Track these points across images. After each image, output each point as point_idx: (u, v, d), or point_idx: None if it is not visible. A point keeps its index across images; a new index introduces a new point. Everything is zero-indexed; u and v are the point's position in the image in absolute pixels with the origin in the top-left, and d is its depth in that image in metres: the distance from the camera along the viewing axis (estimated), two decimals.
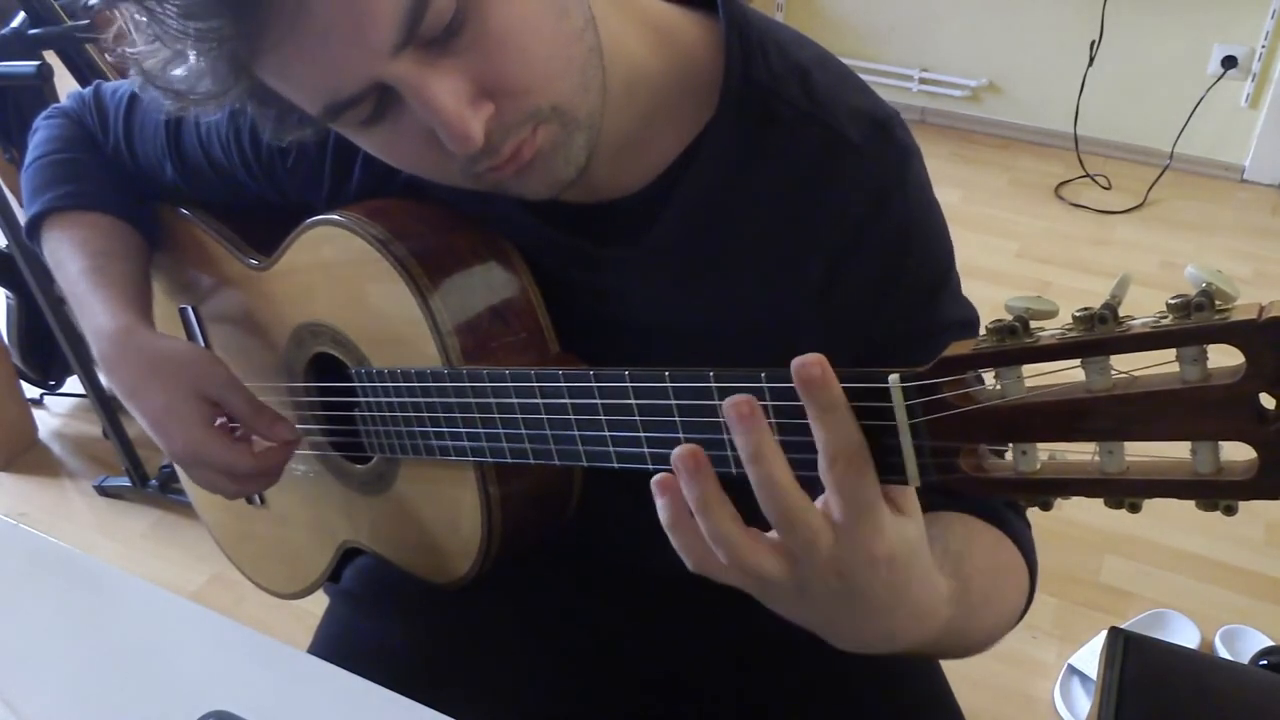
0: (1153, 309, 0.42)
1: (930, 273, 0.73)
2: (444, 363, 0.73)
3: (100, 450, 2.20)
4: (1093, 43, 3.06)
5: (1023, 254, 2.86)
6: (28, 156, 0.95)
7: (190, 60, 0.56)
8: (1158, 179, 3.10)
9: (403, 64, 0.55)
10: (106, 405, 1.99)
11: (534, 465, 0.69)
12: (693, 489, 0.51)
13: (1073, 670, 1.67)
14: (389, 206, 0.77)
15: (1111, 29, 3.03)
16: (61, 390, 2.31)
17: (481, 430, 0.71)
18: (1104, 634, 1.02)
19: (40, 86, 1.68)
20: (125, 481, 2.07)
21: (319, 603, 1.00)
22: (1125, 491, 0.45)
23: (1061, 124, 3.25)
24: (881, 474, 0.50)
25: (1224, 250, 2.86)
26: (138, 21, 0.55)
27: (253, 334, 0.92)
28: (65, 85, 1.74)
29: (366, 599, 0.94)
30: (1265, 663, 1.65)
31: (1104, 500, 0.45)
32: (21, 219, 0.98)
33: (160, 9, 0.53)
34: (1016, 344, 0.44)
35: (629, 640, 0.93)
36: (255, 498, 1.01)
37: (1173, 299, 0.40)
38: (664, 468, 0.58)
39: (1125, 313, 0.43)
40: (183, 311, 0.98)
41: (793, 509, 0.50)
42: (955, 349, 0.47)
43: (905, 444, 0.49)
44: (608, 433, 0.62)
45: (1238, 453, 0.42)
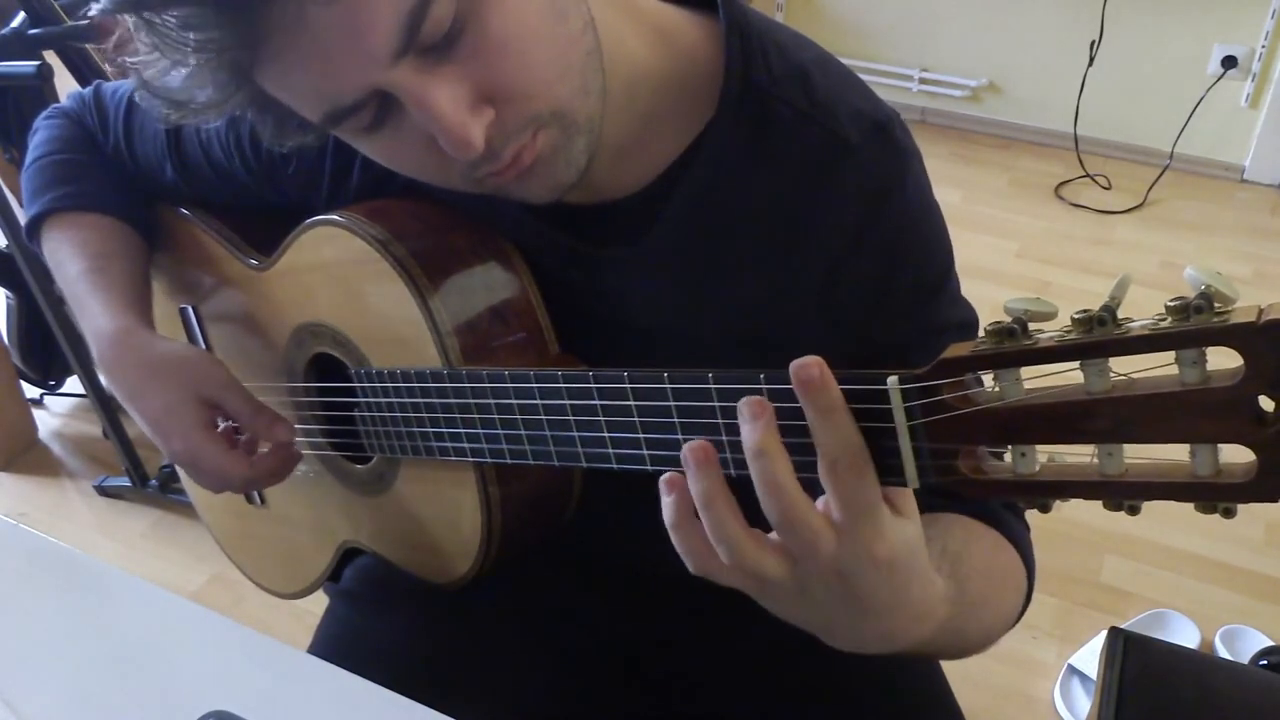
0: (1153, 309, 0.42)
1: (929, 274, 0.73)
2: (444, 363, 0.73)
3: (100, 450, 2.20)
4: (1093, 43, 3.06)
5: (1023, 254, 2.86)
6: (28, 157, 0.95)
7: (190, 70, 0.56)
8: (1158, 179, 3.10)
9: (402, 71, 0.55)
10: (106, 405, 1.99)
11: (533, 466, 0.69)
12: (699, 483, 0.51)
13: (1073, 670, 1.67)
14: (389, 207, 0.77)
15: (1111, 29, 3.03)
16: (61, 390, 2.31)
17: (481, 431, 0.71)
18: (1104, 634, 1.02)
19: (40, 86, 1.68)
20: (125, 481, 2.07)
21: (319, 603, 1.00)
22: (1124, 494, 0.45)
23: (1061, 124, 3.25)
24: (880, 476, 0.50)
25: (1224, 250, 2.86)
26: (137, 31, 0.55)
27: (253, 334, 0.92)
28: (65, 85, 1.74)
29: (366, 599, 0.94)
30: (1265, 663, 1.65)
31: (1103, 502, 0.45)
32: (22, 219, 0.98)
33: (159, 20, 0.53)
34: (1015, 346, 0.44)
35: (629, 641, 0.93)
36: (255, 498, 1.01)
37: (1172, 301, 0.40)
38: (663, 469, 0.58)
39: (1125, 313, 0.43)
40: (183, 311, 0.98)
41: (794, 510, 0.50)
42: (954, 351, 0.47)
43: (904, 446, 0.49)
44: (607, 434, 0.62)
45: (1237, 455, 0.42)
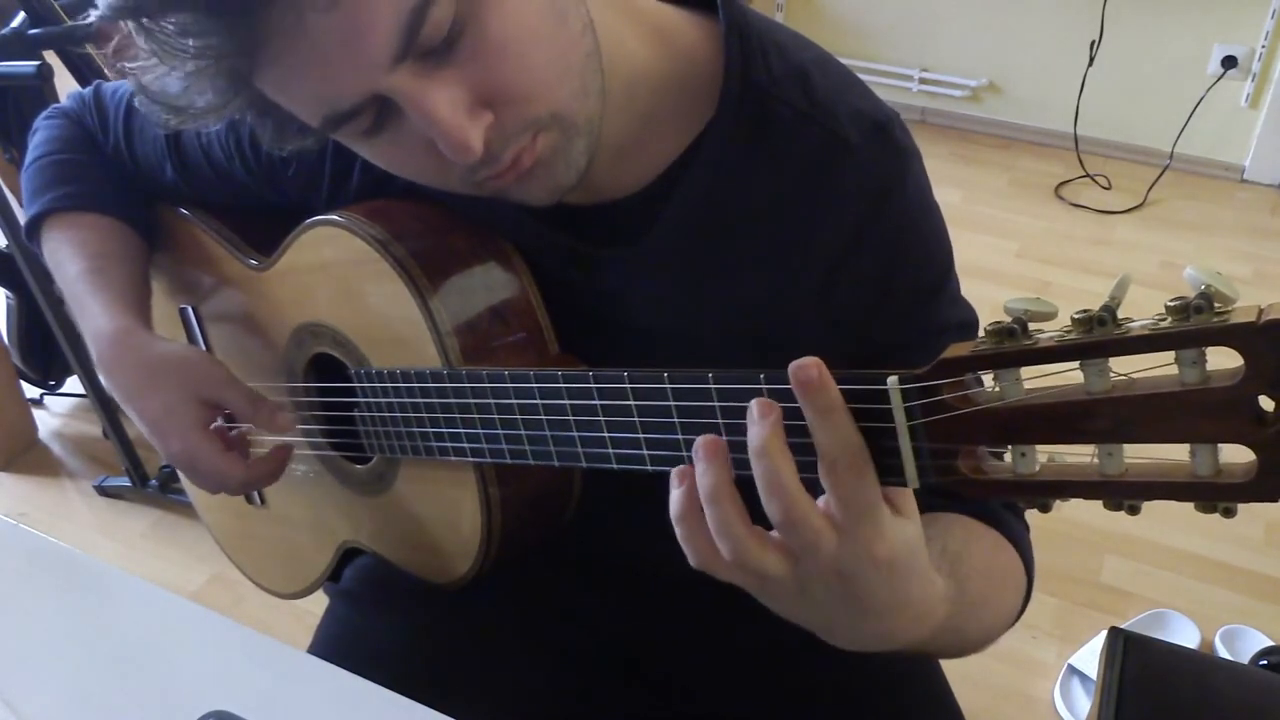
0: (1153, 309, 0.42)
1: (929, 274, 0.73)
2: (443, 363, 0.73)
3: (100, 450, 2.20)
4: (1093, 43, 3.06)
5: (1023, 254, 2.85)
6: (28, 157, 0.95)
7: (188, 76, 0.56)
8: (1158, 179, 3.09)
9: (401, 76, 0.55)
10: (106, 405, 1.99)
11: (533, 466, 0.69)
12: (706, 476, 0.51)
13: (1073, 670, 1.67)
14: (388, 207, 0.77)
15: (1111, 29, 3.03)
16: (61, 390, 2.31)
17: (481, 431, 0.71)
18: (1104, 634, 1.02)
19: (40, 86, 1.68)
20: (125, 481, 2.07)
21: (319, 603, 1.00)
22: (1124, 493, 0.45)
23: (1061, 124, 3.25)
24: (880, 476, 0.50)
25: (1224, 250, 2.86)
26: (136, 37, 0.55)
27: (252, 334, 0.92)
28: (65, 85, 1.74)
29: (366, 599, 0.94)
30: (1265, 663, 1.65)
31: (1103, 502, 0.45)
32: (22, 219, 0.98)
33: (158, 26, 0.53)
34: (1015, 346, 0.44)
35: (629, 641, 0.93)
36: (255, 498, 1.01)
37: (1171, 301, 0.40)
38: (663, 469, 0.58)
39: (1125, 313, 0.43)
40: (183, 311, 0.98)
41: (796, 509, 0.50)
42: (954, 351, 0.47)
43: (904, 446, 0.49)
44: (607, 434, 0.62)
45: (1237, 455, 0.42)
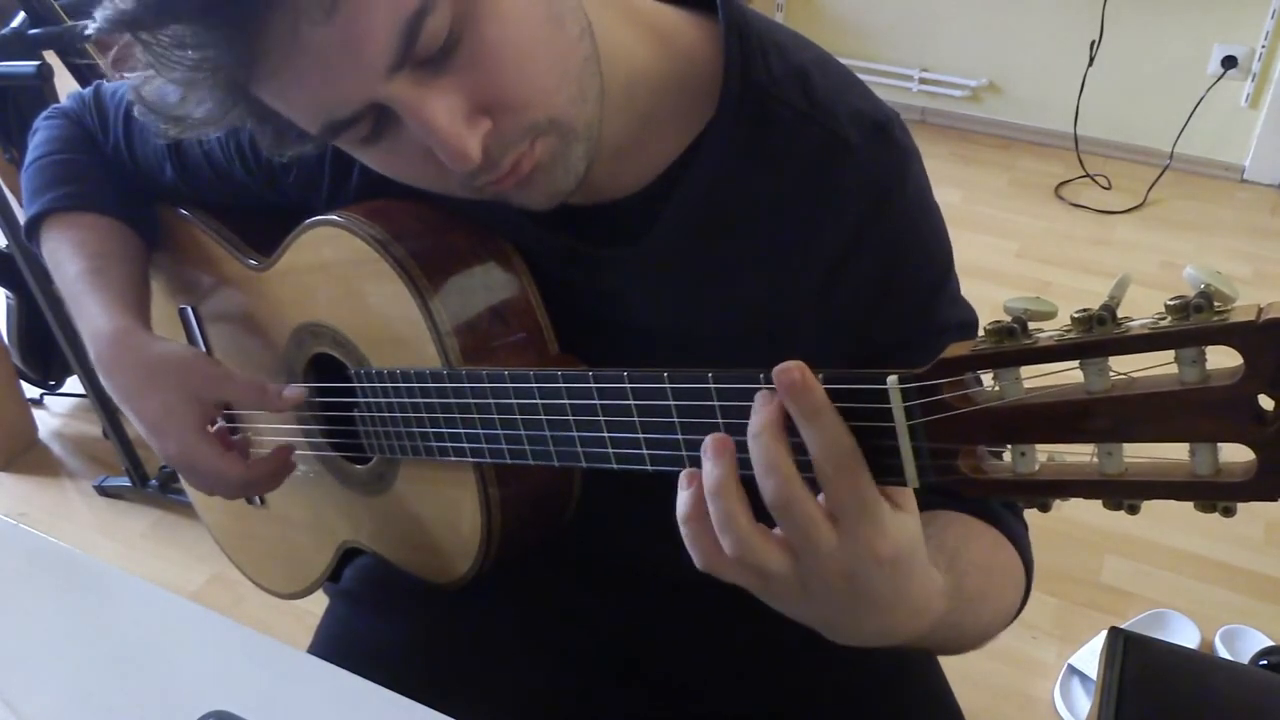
0: (1153, 309, 0.42)
1: (929, 274, 0.73)
2: (443, 363, 0.73)
3: (100, 450, 2.20)
4: (1093, 43, 3.06)
5: (1023, 254, 2.86)
6: (27, 157, 0.95)
7: (186, 86, 0.57)
8: (1158, 179, 3.10)
9: (398, 84, 0.56)
10: (106, 405, 1.99)
11: (533, 466, 0.69)
12: (713, 471, 0.52)
13: (1073, 670, 1.67)
14: (388, 207, 0.77)
15: (1111, 29, 3.03)
16: (61, 390, 2.31)
17: (481, 431, 0.71)
18: (1104, 634, 1.02)
19: (40, 86, 1.68)
20: (125, 481, 2.07)
21: (319, 603, 1.00)
22: (1124, 493, 0.45)
23: (1061, 124, 3.25)
24: (880, 475, 0.50)
25: (1224, 250, 2.86)
26: (134, 50, 0.56)
27: (252, 334, 0.92)
28: (65, 85, 1.74)
29: (366, 599, 0.94)
30: (1265, 663, 1.65)
31: (1103, 502, 0.45)
32: (21, 219, 0.98)
33: (154, 39, 0.54)
34: (1015, 345, 0.44)
35: (629, 641, 0.93)
36: (255, 498, 1.01)
37: (1171, 300, 0.40)
38: (663, 469, 0.58)
39: (1124, 313, 0.43)
40: (182, 312, 0.98)
41: (789, 490, 0.50)
42: (954, 350, 0.47)
43: (904, 445, 0.49)
44: (606, 434, 0.62)
45: (1236, 454, 0.42)
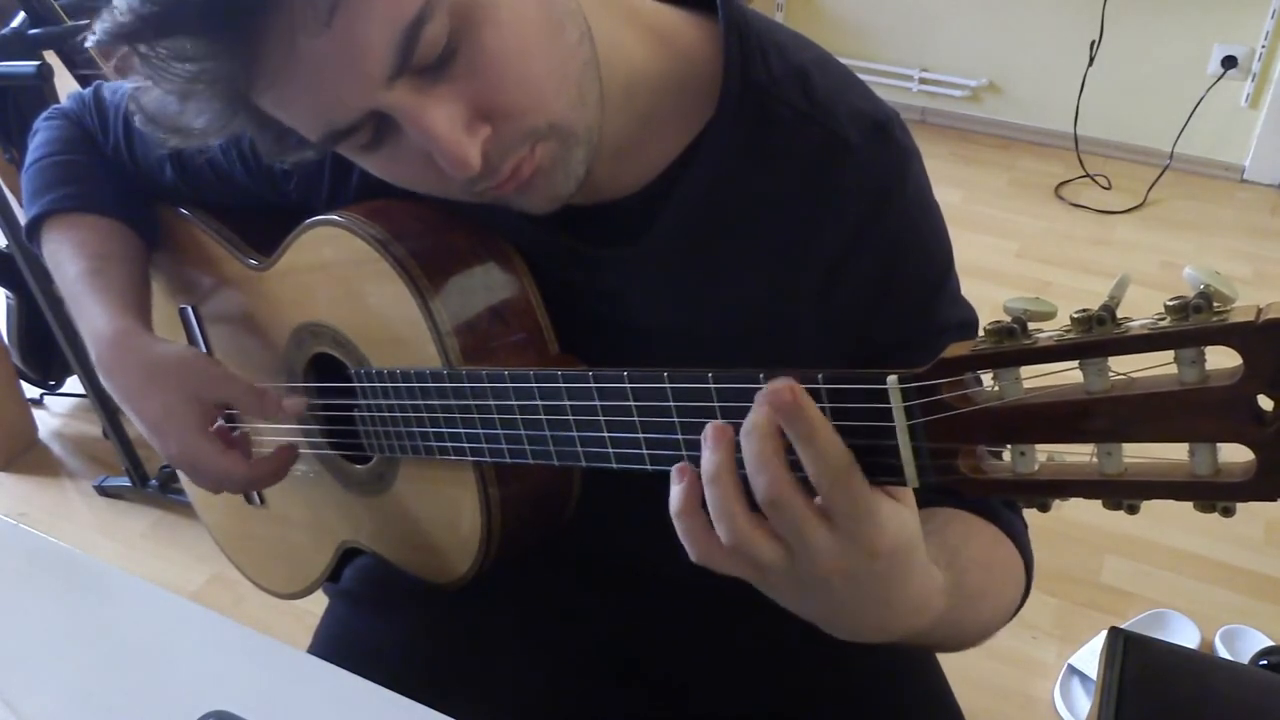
0: (1152, 309, 0.42)
1: (929, 274, 0.73)
2: (443, 363, 0.73)
3: (100, 450, 2.20)
4: (1093, 43, 3.06)
5: (1023, 254, 2.86)
6: (28, 158, 0.95)
7: (186, 98, 0.57)
8: (1158, 179, 3.09)
9: (398, 92, 0.56)
10: (106, 405, 1.99)
11: (533, 466, 0.69)
12: (711, 458, 0.52)
13: (1073, 670, 1.67)
14: (388, 207, 0.77)
15: (1111, 29, 3.03)
16: (61, 390, 2.31)
17: (481, 431, 0.71)
18: (1104, 634, 1.02)
19: (40, 86, 1.68)
20: (125, 481, 2.07)
21: (319, 603, 1.00)
22: (1123, 493, 0.45)
23: (1061, 124, 3.25)
24: (880, 475, 0.50)
25: (1224, 250, 2.86)
26: (133, 62, 0.56)
27: (252, 334, 0.92)
28: (65, 85, 1.74)
29: (366, 599, 0.94)
30: (1265, 663, 1.65)
31: (1102, 502, 0.45)
32: (22, 219, 0.98)
33: (153, 52, 0.54)
34: (1015, 345, 0.44)
35: (629, 641, 0.93)
36: (255, 498, 1.01)
37: (1171, 300, 0.41)
38: (663, 469, 0.58)
39: (1124, 313, 0.43)
40: (182, 312, 0.98)
41: (781, 491, 0.50)
42: (954, 350, 0.47)
43: (904, 445, 0.49)
44: (606, 433, 0.62)
45: (1236, 454, 0.42)
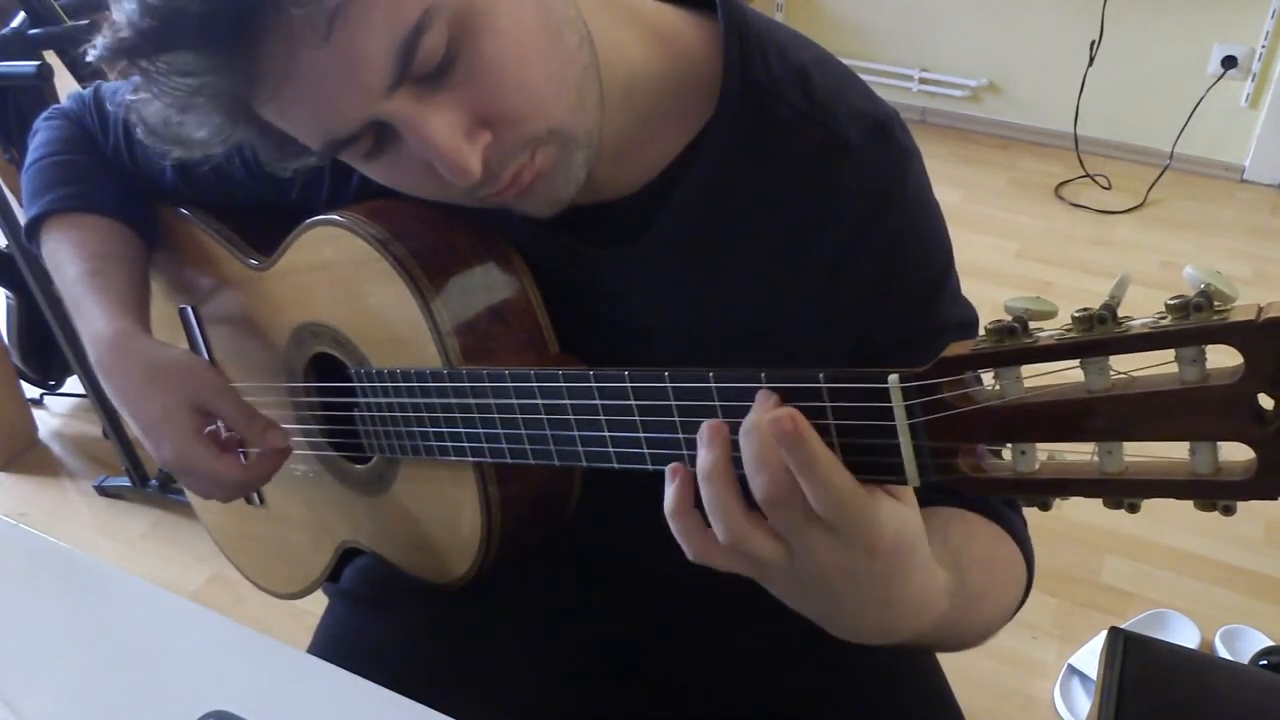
0: (1153, 309, 0.42)
1: (930, 273, 0.73)
2: (444, 363, 0.73)
3: (100, 450, 2.20)
4: (1093, 43, 3.06)
5: (1023, 254, 2.86)
6: (28, 158, 0.95)
7: (186, 111, 0.58)
8: (1158, 179, 3.09)
9: (397, 102, 0.56)
10: (106, 405, 1.99)
11: (534, 466, 0.69)
12: (707, 456, 0.52)
13: (1073, 670, 1.67)
14: (389, 207, 0.77)
15: (1111, 29, 3.03)
16: (61, 390, 2.31)
17: (481, 430, 0.71)
18: (1104, 634, 1.02)
19: (40, 86, 1.68)
20: (125, 481, 2.07)
21: (319, 603, 1.00)
22: (1124, 492, 0.45)
23: (1061, 124, 3.25)
24: (880, 474, 0.50)
25: (1224, 250, 2.86)
26: (133, 77, 0.56)
27: (252, 334, 0.92)
28: (65, 85, 1.74)
29: (366, 599, 0.94)
30: (1265, 663, 1.65)
31: (1103, 500, 0.45)
32: (22, 219, 0.98)
33: (153, 66, 0.54)
34: (1015, 344, 0.44)
35: (629, 641, 0.93)
36: (254, 498, 1.01)
37: (1171, 299, 0.41)
38: (663, 468, 0.58)
39: (1124, 313, 0.43)
40: (182, 312, 0.98)
41: (780, 491, 0.50)
42: (954, 349, 0.47)
43: (904, 444, 0.49)
44: (607, 433, 0.62)
45: (1236, 453, 0.42)
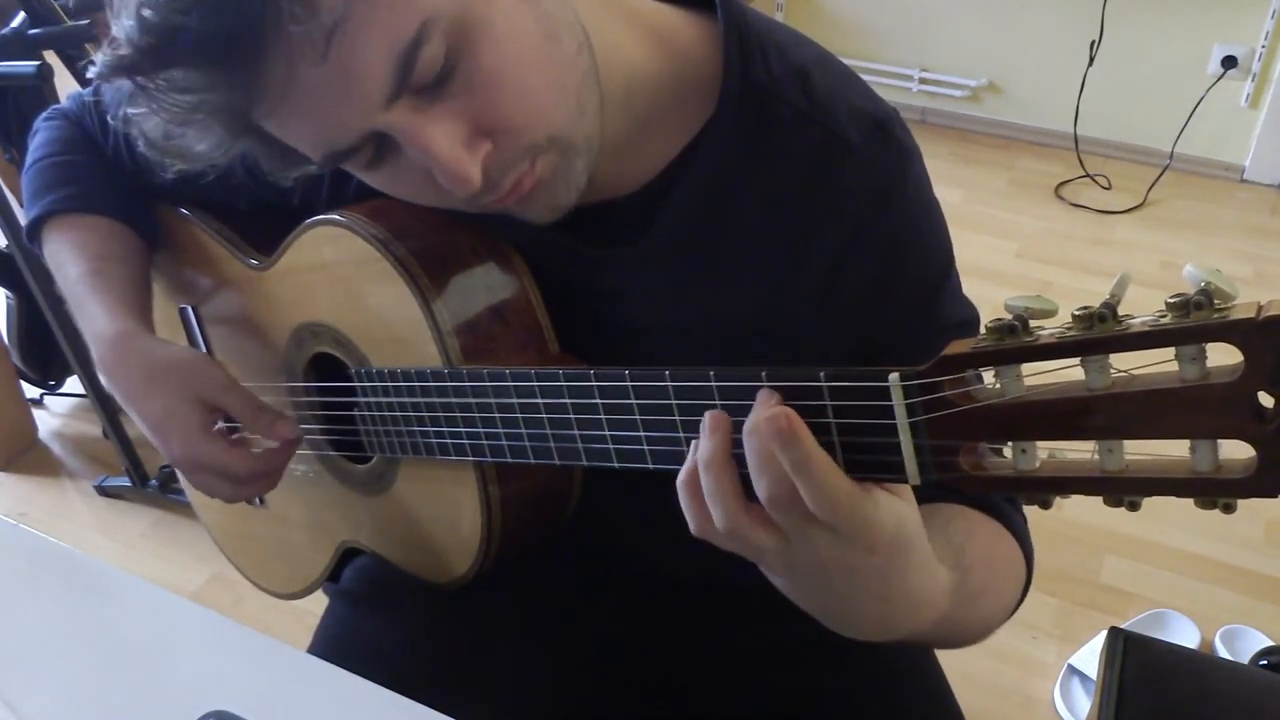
0: (1153, 309, 0.42)
1: (930, 272, 0.73)
2: (444, 362, 0.73)
3: (100, 450, 2.20)
4: (1093, 43, 3.06)
5: (1023, 254, 2.86)
6: (28, 159, 0.95)
7: (186, 127, 0.58)
8: (1158, 179, 3.09)
9: (397, 113, 0.56)
10: (106, 405, 1.99)
11: (534, 465, 0.69)
12: (706, 445, 0.52)
13: (1073, 670, 1.67)
14: (389, 206, 0.77)
15: (1111, 29, 3.03)
16: (61, 390, 2.31)
17: (481, 430, 0.71)
18: (1104, 634, 1.02)
19: (40, 86, 1.68)
20: (125, 481, 2.07)
21: (319, 603, 1.00)
22: (1124, 490, 0.45)
23: (1061, 124, 3.25)
24: (881, 472, 0.50)
25: (1224, 250, 2.86)
26: (133, 94, 0.57)
27: (253, 334, 0.92)
28: (65, 85, 1.74)
29: (366, 599, 0.94)
30: (1265, 663, 1.65)
31: (1103, 498, 0.46)
32: (22, 219, 0.98)
33: (153, 83, 0.55)
34: (1016, 343, 0.44)
35: (629, 641, 0.93)
36: (255, 498, 1.01)
37: (1172, 298, 0.41)
38: (664, 467, 0.58)
39: (1125, 312, 0.43)
40: (182, 312, 0.98)
41: (781, 491, 0.50)
42: (955, 348, 0.47)
43: (905, 443, 0.49)
44: (608, 432, 0.62)
45: (1237, 451, 0.42)
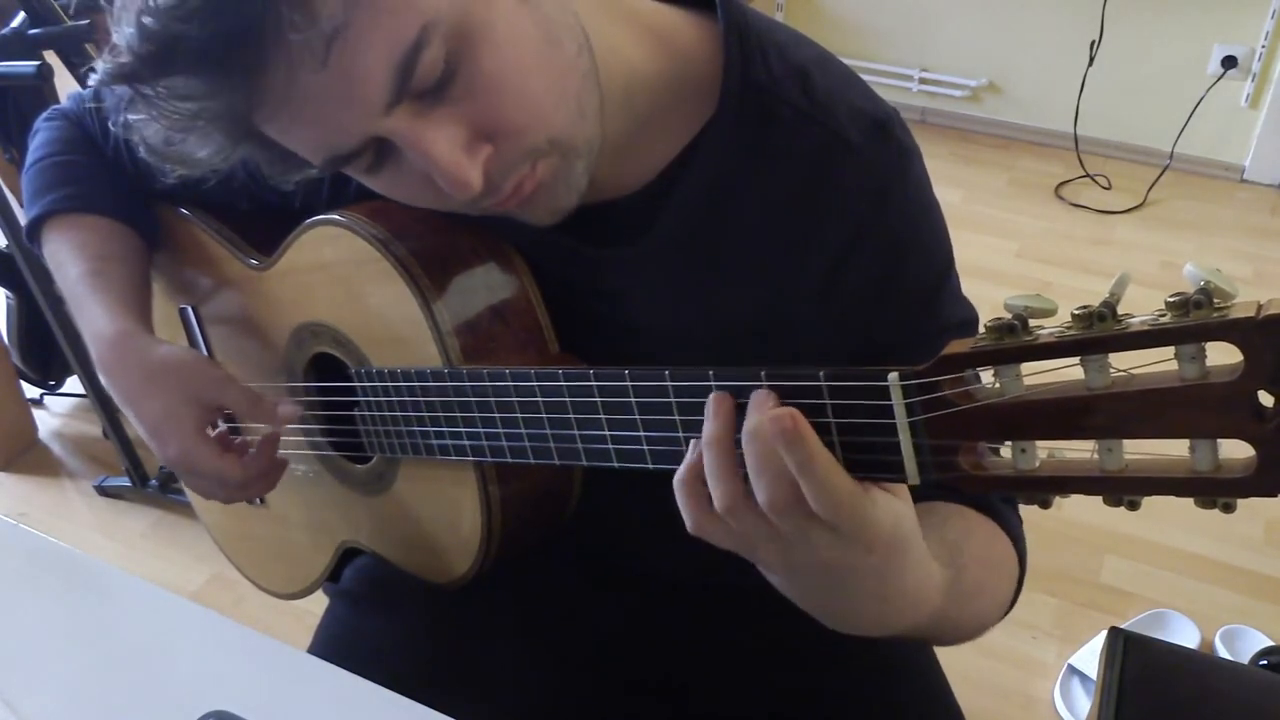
0: (1152, 309, 0.42)
1: (930, 272, 0.73)
2: (444, 362, 0.73)
3: (100, 450, 2.20)
4: (1093, 43, 3.06)
5: (1023, 254, 2.86)
6: (28, 159, 0.95)
7: (187, 133, 0.58)
8: (1158, 179, 3.09)
9: (397, 118, 0.56)
10: (106, 405, 1.99)
11: (534, 465, 0.69)
12: (711, 425, 0.53)
13: (1073, 670, 1.67)
14: (389, 207, 0.77)
15: (1111, 29, 3.03)
16: (61, 390, 2.31)
17: (481, 430, 0.71)
18: (1104, 634, 1.02)
19: (40, 86, 1.68)
20: (125, 481, 2.07)
21: (319, 603, 1.00)
22: (1124, 489, 0.45)
23: (1061, 124, 3.25)
24: (881, 472, 0.50)
25: (1224, 250, 2.86)
26: (134, 101, 0.57)
27: (253, 334, 0.92)
28: (65, 85, 1.74)
29: (366, 599, 0.94)
30: (1265, 663, 1.65)
31: (1103, 498, 0.46)
32: (22, 219, 0.98)
33: (153, 91, 0.55)
34: (1015, 342, 0.44)
35: (629, 640, 0.93)
36: (255, 498, 1.01)
37: (1171, 297, 0.41)
38: (664, 467, 0.58)
39: (1124, 311, 0.43)
40: (182, 312, 0.98)
41: (781, 493, 0.50)
42: (954, 347, 0.47)
43: (904, 442, 0.49)
44: (608, 431, 0.62)
45: (1236, 450, 0.42)
